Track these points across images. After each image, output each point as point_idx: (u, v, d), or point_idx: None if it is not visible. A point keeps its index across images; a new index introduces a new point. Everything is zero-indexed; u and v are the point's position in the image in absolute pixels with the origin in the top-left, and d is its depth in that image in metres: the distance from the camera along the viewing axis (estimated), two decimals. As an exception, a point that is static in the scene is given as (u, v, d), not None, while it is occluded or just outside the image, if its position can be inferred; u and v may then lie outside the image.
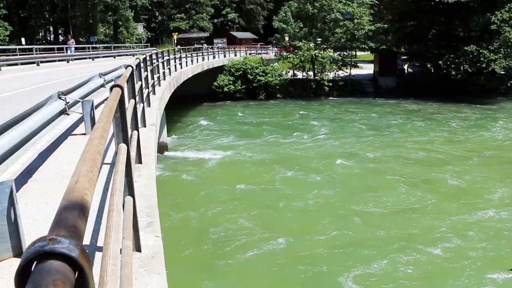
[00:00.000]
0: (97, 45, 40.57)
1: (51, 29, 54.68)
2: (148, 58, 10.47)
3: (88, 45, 38.72)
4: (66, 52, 30.90)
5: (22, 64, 23.57)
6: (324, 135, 21.74)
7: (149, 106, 9.07)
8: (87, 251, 0.72)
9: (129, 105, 4.54)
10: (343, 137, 21.05)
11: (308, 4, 36.61)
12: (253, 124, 25.25)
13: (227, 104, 33.13)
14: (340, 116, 27.45)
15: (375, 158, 17.20)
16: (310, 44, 36.02)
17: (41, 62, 24.45)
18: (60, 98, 6.42)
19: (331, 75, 37.01)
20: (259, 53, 46.19)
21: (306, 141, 20.42)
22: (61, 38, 51.22)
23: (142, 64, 8.52)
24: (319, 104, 32.48)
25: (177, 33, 60.94)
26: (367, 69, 43.52)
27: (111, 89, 2.82)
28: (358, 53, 52.01)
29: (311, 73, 37.74)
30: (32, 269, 0.61)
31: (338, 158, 17.00)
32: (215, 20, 70.01)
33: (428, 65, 37.34)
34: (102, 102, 8.61)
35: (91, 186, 0.93)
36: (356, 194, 12.97)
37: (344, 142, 20.12)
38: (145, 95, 8.19)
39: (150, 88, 10.17)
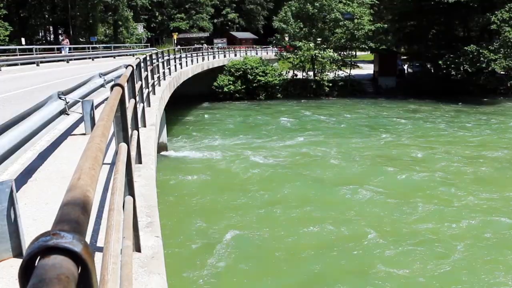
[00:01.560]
0: (97, 45, 40.61)
1: (51, 29, 54.76)
2: (148, 58, 10.47)
3: (88, 45, 38.76)
4: (61, 52, 31.01)
5: (22, 64, 23.58)
6: (324, 135, 21.75)
7: (149, 106, 9.07)
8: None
9: (129, 104, 4.54)
10: (342, 137, 21.07)
11: (308, 4, 36.62)
12: (253, 124, 25.23)
13: (227, 104, 33.12)
14: (339, 116, 27.45)
15: (377, 157, 17.21)
16: (310, 44, 36.02)
17: (41, 62, 24.47)
18: (60, 98, 6.43)
19: (331, 75, 37.00)
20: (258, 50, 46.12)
21: (305, 141, 20.40)
22: (61, 38, 51.28)
23: (142, 64, 8.53)
24: (320, 104, 32.47)
25: (177, 33, 60.95)
26: (367, 69, 43.53)
27: (111, 88, 2.82)
28: (358, 53, 52.02)
29: (311, 73, 37.73)
30: (36, 264, 0.61)
31: (338, 157, 17.01)
32: (215, 20, 70.02)
33: (428, 65, 37.33)
34: (102, 102, 8.62)
35: (93, 183, 0.93)
36: (357, 192, 12.97)
37: (343, 142, 20.13)
38: (145, 95, 8.20)
39: (150, 88, 10.17)
